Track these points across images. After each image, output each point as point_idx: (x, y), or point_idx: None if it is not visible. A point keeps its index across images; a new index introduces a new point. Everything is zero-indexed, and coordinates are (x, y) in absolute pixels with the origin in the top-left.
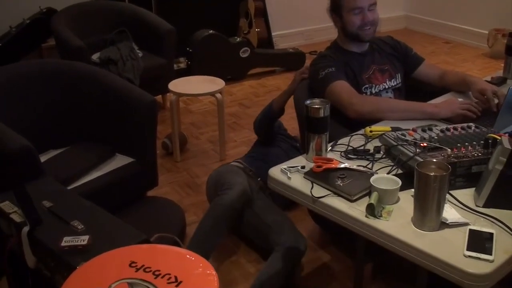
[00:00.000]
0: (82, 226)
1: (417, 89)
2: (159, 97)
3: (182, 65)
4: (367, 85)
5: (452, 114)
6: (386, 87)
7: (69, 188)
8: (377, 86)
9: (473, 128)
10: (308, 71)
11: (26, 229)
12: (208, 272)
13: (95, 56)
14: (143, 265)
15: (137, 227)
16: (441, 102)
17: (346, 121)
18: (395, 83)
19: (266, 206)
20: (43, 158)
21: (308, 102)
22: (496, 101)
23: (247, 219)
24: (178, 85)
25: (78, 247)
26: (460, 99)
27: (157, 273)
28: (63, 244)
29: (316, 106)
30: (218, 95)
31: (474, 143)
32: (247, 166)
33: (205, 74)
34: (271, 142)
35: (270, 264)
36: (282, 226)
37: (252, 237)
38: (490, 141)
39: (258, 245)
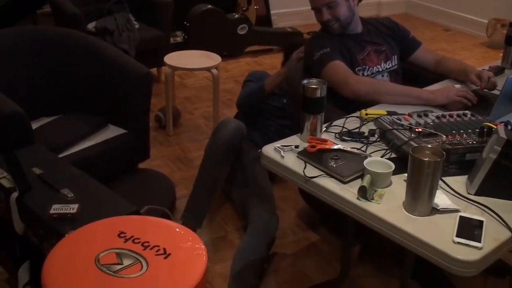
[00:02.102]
0: (72, 195)
1: (414, 75)
2: (154, 70)
3: (179, 39)
4: (360, 67)
5: (448, 101)
6: (380, 69)
7: (60, 156)
8: (370, 68)
9: (468, 116)
10: (303, 51)
11: (15, 195)
12: (197, 246)
13: (91, 25)
14: (132, 236)
15: (128, 199)
16: (438, 89)
17: (342, 103)
18: (390, 65)
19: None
20: (35, 125)
21: (305, 82)
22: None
23: (237, 179)
24: (174, 58)
25: (67, 215)
26: (457, 86)
27: (145, 244)
28: (52, 211)
29: (313, 86)
30: (214, 71)
31: (469, 131)
32: None
33: (201, 49)
34: (252, 116)
35: (244, 239)
36: (263, 199)
37: (237, 203)
38: (485, 129)
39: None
